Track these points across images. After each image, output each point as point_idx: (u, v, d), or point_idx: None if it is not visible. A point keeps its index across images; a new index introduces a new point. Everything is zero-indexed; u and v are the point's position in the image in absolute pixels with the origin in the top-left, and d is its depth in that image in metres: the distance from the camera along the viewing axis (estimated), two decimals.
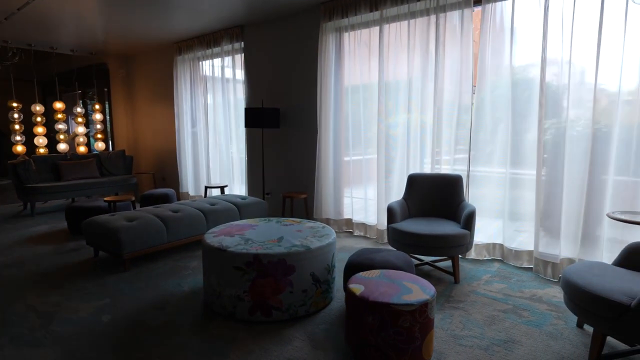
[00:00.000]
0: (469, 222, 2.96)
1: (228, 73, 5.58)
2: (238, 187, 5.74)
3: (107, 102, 7.90)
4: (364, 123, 4.29)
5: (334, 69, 4.40)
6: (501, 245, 3.47)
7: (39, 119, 7.03)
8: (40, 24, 5.25)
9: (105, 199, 4.46)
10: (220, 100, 5.72)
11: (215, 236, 2.74)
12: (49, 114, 7.85)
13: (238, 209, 4.20)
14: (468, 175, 3.58)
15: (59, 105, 7.19)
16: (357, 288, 1.96)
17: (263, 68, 5.16)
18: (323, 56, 4.38)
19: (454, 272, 2.98)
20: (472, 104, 3.51)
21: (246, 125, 4.71)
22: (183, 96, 6.26)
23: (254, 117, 4.65)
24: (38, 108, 6.97)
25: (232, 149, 5.69)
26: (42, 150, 7.12)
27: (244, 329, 2.36)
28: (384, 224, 4.06)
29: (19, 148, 6.85)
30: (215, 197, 4.47)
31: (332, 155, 4.47)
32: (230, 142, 5.67)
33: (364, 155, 4.33)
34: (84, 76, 8.03)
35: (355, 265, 2.47)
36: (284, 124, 5.00)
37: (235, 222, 3.13)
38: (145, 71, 7.22)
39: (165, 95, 6.79)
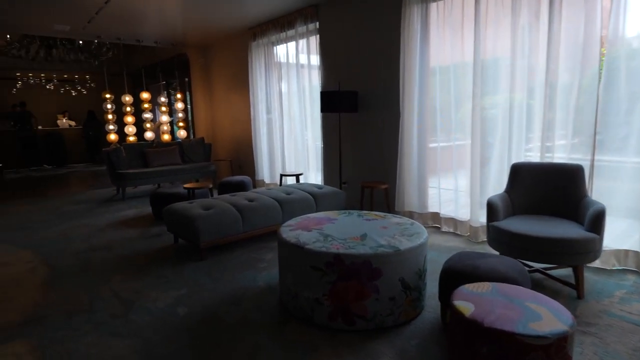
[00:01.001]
0: (597, 223, 2.37)
1: (303, 59, 5.34)
2: (314, 176, 5.53)
3: (188, 92, 8.17)
4: (454, 105, 3.76)
5: (420, 45, 3.91)
6: (636, 253, 2.79)
7: (128, 108, 7.48)
8: (126, 17, 5.45)
9: (185, 186, 4.51)
10: (295, 86, 5.52)
11: (292, 230, 2.51)
12: (137, 104, 8.35)
13: (314, 199, 3.97)
14: (592, 165, 2.92)
15: (145, 95, 7.58)
16: (465, 307, 1.57)
17: (339, 48, 4.82)
18: (406, 32, 3.91)
19: (577, 285, 2.42)
20: (599, 78, 2.83)
21: (322, 110, 4.43)
22: (258, 82, 6.18)
23: (330, 101, 4.35)
24: (127, 98, 7.42)
25: (307, 136, 5.47)
26: (131, 139, 7.59)
27: (323, 337, 2.10)
28: (478, 220, 3.54)
29: (112, 136, 7.36)
30: (290, 186, 4.29)
31: (417, 141, 4.02)
32: (305, 129, 5.46)
33: (454, 142, 3.81)
34: (166, 68, 8.39)
35: (455, 273, 2.07)
36: (363, 108, 4.63)
37: (313, 215, 2.87)
38: (222, 59, 7.30)
39: (241, 82, 6.79)
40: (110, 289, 2.82)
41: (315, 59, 5.18)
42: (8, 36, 6.97)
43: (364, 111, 4.61)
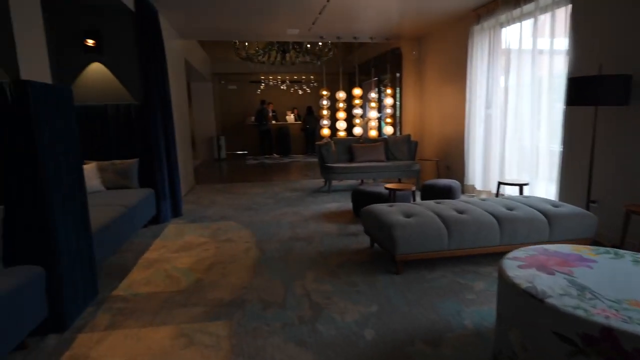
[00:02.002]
0: None
1: (541, 43, 4.22)
2: (544, 187, 4.34)
3: (398, 87, 7.96)
4: None
5: None
6: None
7: (340, 104, 7.83)
8: (345, 14, 5.54)
9: (386, 186, 4.22)
10: (528, 75, 4.45)
11: (522, 267, 1.80)
12: (350, 100, 8.69)
13: (548, 221, 3.00)
14: None
15: (357, 91, 7.76)
16: None
17: (603, 18, 3.53)
18: None
19: None
20: None
21: (569, 103, 3.34)
22: (477, 74, 5.33)
23: (583, 91, 3.22)
24: (341, 95, 7.76)
25: (539, 137, 4.33)
26: (341, 134, 7.93)
27: None
28: None
29: (325, 131, 7.86)
30: (512, 198, 3.42)
31: None
32: (537, 128, 4.34)
33: None
34: (379, 63, 8.39)
35: None
36: (638, 99, 3.25)
37: (553, 248, 2.05)
38: (436, 51, 6.71)
39: (457, 74, 6.05)
40: (303, 287, 2.76)
41: (560, 41, 4.00)
42: (257, 47, 8.30)
43: None
